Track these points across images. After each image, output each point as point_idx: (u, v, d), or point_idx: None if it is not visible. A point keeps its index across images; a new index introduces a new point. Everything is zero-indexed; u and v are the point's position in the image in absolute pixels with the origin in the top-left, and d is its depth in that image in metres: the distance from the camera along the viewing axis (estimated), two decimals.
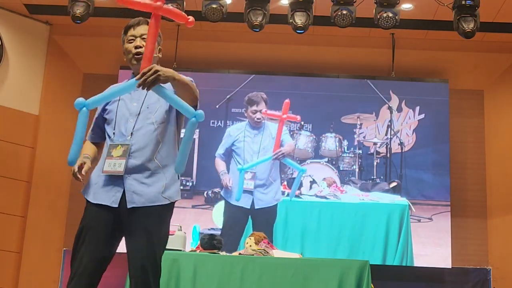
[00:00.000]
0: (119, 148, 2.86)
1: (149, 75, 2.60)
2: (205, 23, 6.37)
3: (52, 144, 6.91)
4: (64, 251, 6.91)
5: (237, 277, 4.37)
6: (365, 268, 4.39)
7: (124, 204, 2.81)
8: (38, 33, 6.88)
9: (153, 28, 2.71)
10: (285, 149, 6.28)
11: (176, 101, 2.67)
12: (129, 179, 2.82)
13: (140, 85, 2.62)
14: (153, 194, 2.82)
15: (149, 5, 2.72)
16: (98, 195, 2.89)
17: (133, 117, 2.90)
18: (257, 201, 6.28)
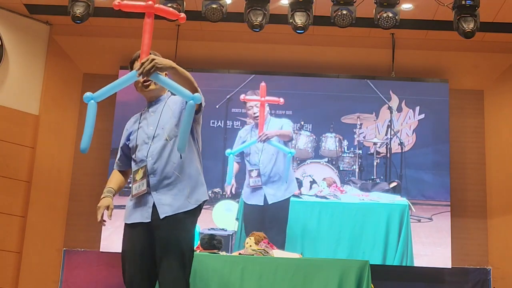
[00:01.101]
0: (140, 171, 3.11)
1: (147, 64, 2.80)
2: (205, 23, 6.38)
3: (52, 144, 6.91)
4: (64, 251, 6.92)
5: (237, 277, 4.37)
6: (365, 268, 4.39)
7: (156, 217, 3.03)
8: (38, 33, 6.88)
9: (148, 25, 2.93)
10: (270, 131, 6.26)
11: (173, 86, 2.85)
12: (156, 194, 3.06)
13: (140, 73, 2.81)
14: (181, 202, 3.05)
15: (142, 6, 2.94)
16: (132, 215, 3.13)
17: (150, 139, 3.13)
18: (269, 196, 6.26)
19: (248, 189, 6.34)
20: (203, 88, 2.98)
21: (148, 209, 3.06)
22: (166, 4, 5.70)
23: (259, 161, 6.33)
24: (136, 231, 3.09)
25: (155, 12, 2.95)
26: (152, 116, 3.20)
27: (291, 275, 4.35)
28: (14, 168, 6.55)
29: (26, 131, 6.67)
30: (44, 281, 6.70)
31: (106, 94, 3.03)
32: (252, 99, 6.33)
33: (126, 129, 3.37)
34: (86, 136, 2.96)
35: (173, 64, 2.90)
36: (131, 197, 3.15)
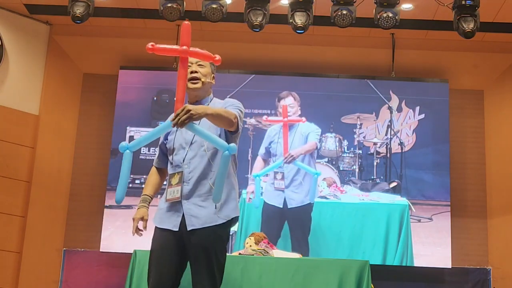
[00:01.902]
0: (176, 176, 3.13)
1: (181, 115, 2.81)
2: (205, 23, 6.37)
3: (52, 144, 6.91)
4: (64, 251, 6.92)
5: (237, 277, 4.37)
6: (365, 268, 4.39)
7: (184, 227, 3.07)
8: (38, 33, 6.88)
9: (182, 69, 2.93)
10: (295, 151, 6.22)
11: (209, 137, 2.91)
12: (186, 204, 3.09)
13: (175, 124, 2.84)
14: (210, 216, 3.08)
15: (176, 50, 2.95)
16: (163, 220, 3.16)
17: (187, 145, 3.15)
18: (289, 200, 6.25)
19: (271, 189, 6.32)
20: None
21: (177, 218, 3.10)
22: (166, 4, 5.70)
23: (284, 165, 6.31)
24: (165, 236, 3.13)
25: (190, 56, 2.96)
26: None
27: (291, 275, 4.34)
28: (14, 168, 6.55)
29: (26, 131, 6.67)
30: (44, 281, 6.70)
31: (141, 144, 3.06)
32: (275, 120, 6.33)
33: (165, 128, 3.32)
34: (122, 186, 2.96)
35: (207, 110, 2.90)
36: (165, 201, 3.18)
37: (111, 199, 6.88)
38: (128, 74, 7.17)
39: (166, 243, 3.12)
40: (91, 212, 7.06)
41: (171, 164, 3.22)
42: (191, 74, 3.20)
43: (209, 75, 3.28)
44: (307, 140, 6.38)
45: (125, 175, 2.97)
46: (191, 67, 3.22)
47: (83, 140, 7.30)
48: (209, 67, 3.30)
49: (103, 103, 7.34)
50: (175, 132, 3.23)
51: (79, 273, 6.88)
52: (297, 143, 6.34)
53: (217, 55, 3.02)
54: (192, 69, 3.22)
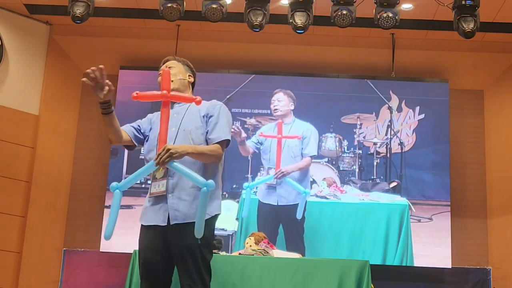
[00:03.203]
0: (161, 170, 3.13)
1: (162, 154, 2.92)
2: (205, 23, 6.38)
3: (52, 144, 6.91)
4: (64, 251, 6.92)
5: (237, 277, 4.37)
6: (365, 268, 4.39)
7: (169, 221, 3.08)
8: (38, 33, 6.88)
9: (165, 113, 3.04)
10: (287, 168, 6.15)
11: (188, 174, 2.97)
12: (171, 198, 3.09)
13: (157, 164, 2.94)
14: (193, 211, 3.05)
15: (159, 95, 3.09)
16: (148, 217, 3.16)
17: (171, 140, 3.14)
18: (279, 198, 6.22)
19: (264, 187, 6.29)
20: (203, 88, 3.02)
21: (164, 212, 3.09)
22: (166, 4, 5.70)
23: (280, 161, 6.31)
24: (151, 233, 3.12)
25: (172, 99, 3.11)
26: (174, 117, 3.23)
27: (291, 275, 4.34)
28: (14, 168, 6.55)
29: (26, 131, 6.67)
30: (44, 281, 6.70)
31: (130, 183, 3.13)
32: (270, 136, 6.29)
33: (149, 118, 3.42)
34: (111, 224, 3.01)
35: (188, 149, 3.01)
36: (149, 196, 3.19)
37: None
38: (128, 74, 7.17)
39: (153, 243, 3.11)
40: (91, 212, 7.06)
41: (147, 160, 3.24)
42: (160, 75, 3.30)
43: (182, 74, 3.34)
44: (302, 143, 6.33)
45: (114, 213, 3.03)
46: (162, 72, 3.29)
47: (83, 140, 7.30)
48: (180, 66, 3.36)
49: None
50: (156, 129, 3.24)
51: (79, 273, 6.88)
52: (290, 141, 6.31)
53: (198, 97, 3.09)
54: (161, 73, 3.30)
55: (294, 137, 6.30)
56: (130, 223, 6.72)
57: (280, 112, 6.58)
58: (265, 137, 6.38)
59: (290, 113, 6.60)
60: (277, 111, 6.60)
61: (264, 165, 6.46)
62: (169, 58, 3.46)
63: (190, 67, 3.43)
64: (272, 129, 6.40)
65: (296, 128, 6.40)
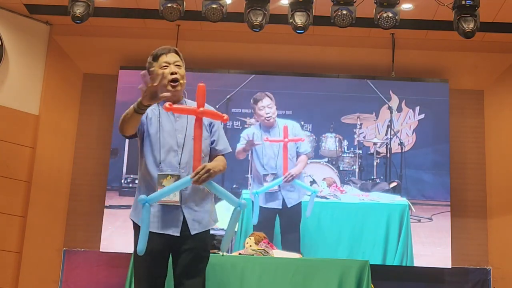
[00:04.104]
0: (170, 179, 3.09)
1: (202, 173, 2.94)
2: (205, 23, 6.38)
3: (52, 144, 6.91)
4: (64, 251, 6.92)
5: (237, 277, 4.37)
6: (365, 268, 4.39)
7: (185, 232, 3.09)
8: (38, 33, 6.88)
9: (198, 131, 3.01)
10: (294, 170, 6.17)
11: (225, 194, 3.08)
12: (185, 208, 3.10)
13: (195, 182, 2.95)
14: (207, 220, 3.16)
15: (194, 110, 3.02)
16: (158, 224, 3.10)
17: (179, 148, 3.13)
18: (287, 200, 6.19)
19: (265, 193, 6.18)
20: None
21: (178, 223, 3.09)
22: (166, 4, 5.70)
23: (275, 165, 6.28)
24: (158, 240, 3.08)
25: (205, 116, 3.07)
26: (178, 121, 3.18)
27: (291, 275, 4.35)
28: (14, 168, 6.55)
29: (26, 131, 6.67)
30: (44, 281, 6.70)
31: (159, 197, 3.05)
32: (275, 140, 6.23)
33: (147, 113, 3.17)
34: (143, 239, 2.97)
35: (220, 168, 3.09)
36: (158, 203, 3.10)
37: (111, 199, 6.89)
38: (128, 74, 7.17)
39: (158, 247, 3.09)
40: (91, 212, 7.06)
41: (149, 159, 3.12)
42: (171, 76, 3.16)
43: (185, 76, 3.26)
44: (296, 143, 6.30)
45: (146, 227, 2.98)
46: (169, 67, 3.18)
47: (83, 140, 7.30)
48: (184, 65, 3.28)
49: (103, 103, 7.34)
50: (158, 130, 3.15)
51: (79, 273, 6.88)
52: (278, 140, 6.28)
53: (226, 115, 3.09)
54: (171, 70, 3.17)
55: (299, 139, 6.27)
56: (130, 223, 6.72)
57: (271, 119, 6.36)
58: (271, 142, 6.25)
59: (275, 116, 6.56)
60: (270, 118, 6.34)
61: (259, 172, 6.28)
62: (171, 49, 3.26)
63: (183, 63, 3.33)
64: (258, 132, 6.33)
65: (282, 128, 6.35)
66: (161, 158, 3.13)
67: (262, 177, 6.28)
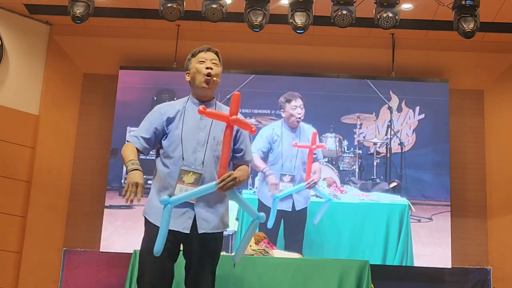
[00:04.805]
0: (191, 175, 3.07)
1: (228, 181, 2.94)
2: (205, 23, 6.38)
3: (52, 144, 6.91)
4: (64, 251, 6.92)
5: (237, 277, 4.37)
6: (365, 268, 4.39)
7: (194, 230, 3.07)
8: (38, 33, 6.88)
9: (228, 137, 2.99)
10: (316, 176, 6.26)
11: (246, 205, 3.12)
12: (198, 207, 3.08)
13: (220, 188, 2.94)
14: (218, 221, 3.14)
15: (227, 117, 3.00)
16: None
17: (201, 146, 3.11)
18: (296, 203, 6.18)
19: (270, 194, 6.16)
20: None
21: (188, 220, 3.07)
22: (166, 4, 5.70)
23: (294, 167, 6.28)
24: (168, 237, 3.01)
25: (236, 124, 3.02)
26: (202, 120, 3.14)
27: (291, 275, 4.35)
28: (14, 168, 6.55)
29: (26, 131, 6.67)
30: (44, 281, 6.70)
31: (182, 200, 3.02)
32: (303, 146, 6.25)
33: (163, 114, 3.19)
34: (161, 240, 2.93)
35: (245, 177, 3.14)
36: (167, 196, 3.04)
37: (111, 199, 6.89)
38: (128, 74, 7.17)
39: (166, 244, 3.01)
40: (91, 212, 7.06)
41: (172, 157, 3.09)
42: (206, 70, 3.17)
43: (220, 75, 3.24)
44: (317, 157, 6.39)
45: (165, 228, 2.93)
46: (206, 63, 3.19)
47: (83, 140, 7.30)
48: (220, 67, 3.26)
49: (103, 103, 7.34)
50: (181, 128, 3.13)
51: (79, 273, 6.88)
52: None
53: (254, 126, 3.08)
54: (207, 65, 3.18)
55: (322, 146, 6.39)
56: (130, 223, 6.74)
57: (300, 120, 6.45)
58: (299, 147, 6.27)
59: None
60: (300, 120, 6.43)
61: (275, 171, 6.27)
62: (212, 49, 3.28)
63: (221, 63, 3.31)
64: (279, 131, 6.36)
65: (305, 133, 6.37)
66: (183, 154, 3.10)
67: (280, 176, 6.26)
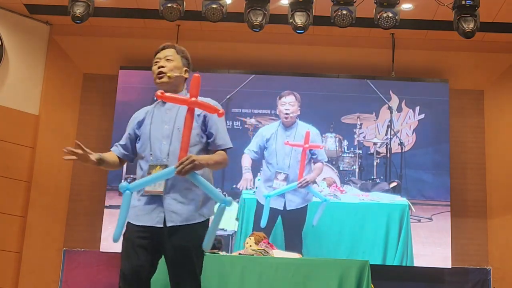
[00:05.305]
0: (158, 169, 3.04)
1: (186, 163, 2.87)
2: (205, 23, 6.38)
3: (52, 144, 6.91)
4: (64, 251, 6.92)
5: (237, 277, 4.37)
6: (365, 268, 4.40)
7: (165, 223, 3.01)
8: (38, 33, 6.88)
9: (188, 121, 2.95)
10: (310, 176, 6.20)
11: (208, 188, 2.97)
12: (167, 199, 3.02)
13: (179, 172, 2.88)
14: (190, 213, 3.02)
15: (186, 100, 2.98)
16: (141, 217, 3.06)
17: (166, 139, 3.10)
18: (288, 202, 6.17)
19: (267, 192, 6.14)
20: (203, 88, 2.98)
21: (160, 213, 3.01)
22: (166, 4, 5.70)
23: (288, 166, 6.27)
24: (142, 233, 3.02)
25: (197, 107, 2.98)
26: (167, 113, 3.16)
27: (291, 275, 4.35)
28: (14, 168, 6.55)
29: (26, 131, 6.67)
30: (44, 281, 6.70)
31: (141, 185, 3.03)
32: (296, 145, 6.22)
33: (135, 118, 3.30)
34: (120, 226, 2.92)
35: (208, 161, 3.02)
36: (142, 194, 3.07)
37: (111, 199, 6.89)
38: (128, 74, 7.17)
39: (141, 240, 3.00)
40: (91, 212, 7.06)
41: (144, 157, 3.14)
42: (158, 69, 3.19)
43: (178, 69, 3.21)
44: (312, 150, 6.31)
45: (124, 215, 2.93)
46: (159, 62, 3.21)
47: (83, 140, 7.21)
48: (179, 61, 3.23)
49: (103, 103, 7.35)
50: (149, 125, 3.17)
51: (79, 273, 6.88)
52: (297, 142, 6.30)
53: (221, 109, 3.03)
54: (159, 65, 3.20)
55: (317, 146, 6.27)
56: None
57: (291, 116, 6.41)
58: (292, 145, 6.24)
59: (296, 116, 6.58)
60: (288, 116, 6.38)
61: (270, 169, 6.30)
62: (168, 45, 3.30)
63: (188, 60, 3.30)
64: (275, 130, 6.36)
65: (301, 132, 6.34)
66: (151, 149, 3.11)
67: (274, 174, 6.26)
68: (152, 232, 3.01)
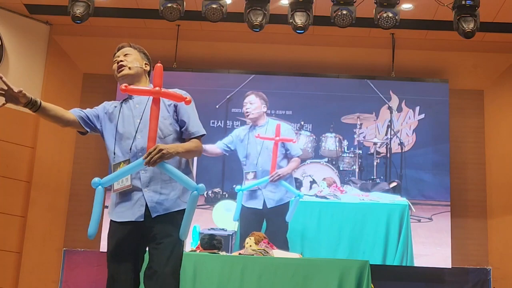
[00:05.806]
0: (122, 165, 3.06)
1: (154, 153, 2.85)
2: (205, 23, 6.38)
3: (52, 144, 6.91)
4: (64, 251, 6.92)
5: (237, 277, 4.37)
6: (365, 268, 4.40)
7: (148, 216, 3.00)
8: (38, 33, 6.88)
9: (154, 111, 2.92)
10: (282, 170, 6.22)
11: (178, 176, 2.91)
12: (148, 192, 3.02)
13: (147, 163, 2.86)
14: (173, 201, 3.02)
15: (149, 91, 2.98)
16: (122, 213, 3.07)
17: (136, 133, 3.09)
18: (268, 200, 6.21)
19: (246, 192, 6.23)
20: (203, 88, 3.01)
21: (140, 207, 3.00)
22: (166, 4, 5.70)
23: (256, 163, 6.31)
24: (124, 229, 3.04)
25: (162, 97, 2.96)
26: (136, 108, 3.17)
27: (291, 275, 4.35)
28: (14, 168, 6.55)
29: (26, 131, 6.67)
30: (44, 281, 6.70)
31: (113, 180, 3.05)
32: (267, 138, 6.27)
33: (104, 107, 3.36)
34: (94, 222, 2.95)
35: (178, 149, 2.97)
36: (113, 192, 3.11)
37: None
38: None
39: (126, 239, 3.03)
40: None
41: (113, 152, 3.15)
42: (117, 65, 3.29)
43: (139, 61, 3.27)
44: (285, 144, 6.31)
45: (97, 210, 2.93)
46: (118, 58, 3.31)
47: (83, 140, 7.28)
48: (137, 54, 3.31)
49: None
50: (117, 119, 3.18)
51: (79, 273, 6.88)
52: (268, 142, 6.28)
53: (188, 96, 3.00)
54: (118, 60, 3.30)
55: (289, 140, 6.28)
56: None
57: (252, 115, 6.55)
58: (262, 138, 6.30)
59: (263, 115, 6.59)
60: (248, 114, 6.56)
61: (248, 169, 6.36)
62: (124, 44, 3.41)
63: (147, 55, 3.37)
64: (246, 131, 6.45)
65: (272, 129, 6.34)
66: (115, 147, 3.12)
67: (244, 175, 6.32)
68: (135, 225, 3.01)
